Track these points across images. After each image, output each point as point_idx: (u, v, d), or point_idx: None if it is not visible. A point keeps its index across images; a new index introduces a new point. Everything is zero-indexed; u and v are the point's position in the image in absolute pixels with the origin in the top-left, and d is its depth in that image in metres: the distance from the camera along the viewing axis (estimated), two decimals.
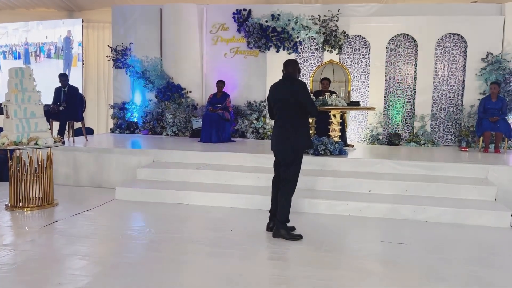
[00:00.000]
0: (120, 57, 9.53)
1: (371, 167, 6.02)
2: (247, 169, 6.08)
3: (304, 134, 4.13)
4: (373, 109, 7.05)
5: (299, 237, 4.11)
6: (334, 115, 6.75)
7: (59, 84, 7.59)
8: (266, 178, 5.65)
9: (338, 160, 6.14)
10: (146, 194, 5.56)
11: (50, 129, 5.54)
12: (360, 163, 6.10)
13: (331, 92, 7.38)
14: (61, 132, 7.29)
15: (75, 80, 7.53)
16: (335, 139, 6.69)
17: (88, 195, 5.95)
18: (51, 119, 7.39)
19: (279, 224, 4.12)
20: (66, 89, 7.52)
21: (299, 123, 4.10)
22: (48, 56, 10.65)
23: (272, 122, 8.76)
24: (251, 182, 5.79)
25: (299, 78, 4.28)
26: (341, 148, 6.39)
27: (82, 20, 10.08)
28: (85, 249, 3.81)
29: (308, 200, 5.13)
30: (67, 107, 7.43)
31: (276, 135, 4.21)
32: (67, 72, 10.30)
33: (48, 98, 8.37)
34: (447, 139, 8.48)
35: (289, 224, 4.20)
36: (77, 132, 8.53)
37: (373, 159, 6.32)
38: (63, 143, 7.12)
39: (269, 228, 4.31)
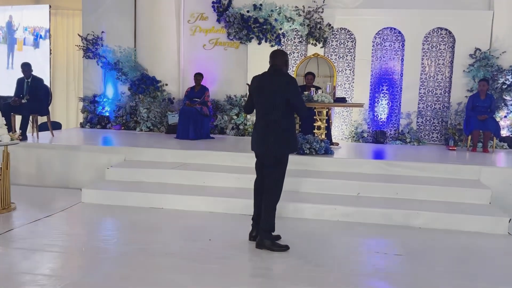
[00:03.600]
0: (91, 47, 8.91)
1: (359, 168, 5.66)
2: (227, 169, 5.64)
3: (291, 136, 3.71)
4: (361, 105, 6.71)
5: (285, 248, 3.71)
6: (320, 112, 6.37)
7: (20, 75, 6.96)
8: (247, 179, 5.22)
9: (324, 160, 5.76)
10: (116, 197, 5.05)
11: (6, 125, 4.96)
12: (347, 163, 5.74)
13: (316, 88, 7.00)
14: (23, 127, 6.66)
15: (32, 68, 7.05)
16: (321, 137, 6.32)
17: (52, 197, 5.41)
18: (12, 113, 6.77)
19: (263, 233, 3.71)
20: (29, 80, 6.89)
21: (285, 124, 3.67)
22: None
23: (252, 117, 8.43)
24: (231, 183, 5.36)
25: (287, 72, 3.85)
26: (327, 147, 6.02)
27: (50, 6, 9.37)
28: (41, 265, 3.31)
29: (293, 204, 4.73)
30: (31, 99, 6.82)
31: (259, 135, 3.78)
32: (11, 58, 9.63)
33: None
34: (433, 137, 8.23)
35: (274, 233, 3.80)
36: (43, 127, 7.95)
37: (361, 158, 6.00)
38: (24, 139, 6.52)
39: (251, 237, 3.90)
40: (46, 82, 9.01)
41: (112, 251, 3.63)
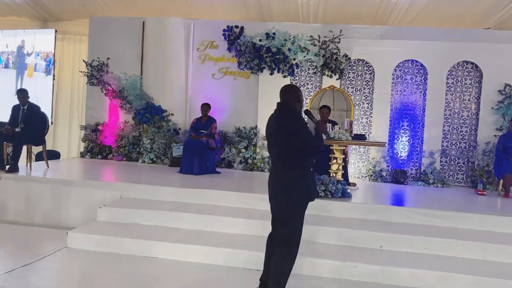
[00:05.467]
0: (96, 73, 8.52)
1: (381, 215, 5.03)
2: (232, 211, 5.05)
3: (304, 183, 3.10)
4: (383, 145, 6.11)
5: None
6: (336, 150, 5.79)
7: (17, 100, 6.53)
8: (254, 226, 4.67)
9: (341, 205, 5.14)
10: (105, 243, 4.46)
11: None
12: (367, 210, 5.10)
13: (333, 123, 6.44)
14: (15, 157, 6.17)
15: (34, 94, 6.56)
16: (337, 177, 5.72)
17: (36, 240, 4.84)
18: (5, 142, 6.32)
19: None
20: (25, 107, 6.46)
21: (297, 169, 3.09)
22: (6, 66, 9.57)
23: (262, 151, 7.90)
24: (236, 229, 4.75)
25: (296, 108, 3.25)
26: (344, 189, 5.41)
27: (56, 31, 9.08)
28: None
29: (308, 259, 4.08)
30: (25, 128, 6.36)
31: (269, 182, 3.23)
32: (19, 84, 9.26)
33: (2, 114, 7.26)
34: (458, 178, 7.57)
35: None
36: (40, 156, 7.49)
37: (382, 204, 5.38)
38: (16, 170, 6.04)
39: None
40: (48, 109, 8.66)
41: None
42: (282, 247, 3.12)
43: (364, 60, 7.77)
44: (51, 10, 9.32)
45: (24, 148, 6.51)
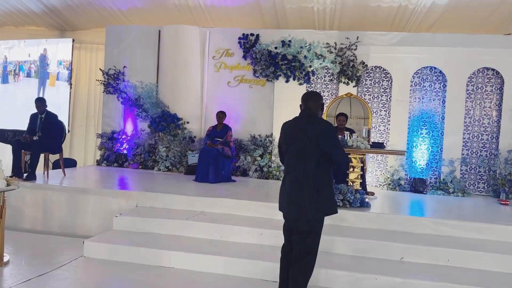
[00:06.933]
0: (112, 82, 8.59)
1: (401, 225, 4.91)
2: (248, 221, 4.99)
3: (328, 195, 3.05)
4: (403, 153, 5.98)
5: None
6: (354, 158, 5.69)
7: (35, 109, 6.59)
8: (271, 235, 4.61)
9: (360, 215, 5.04)
10: (121, 252, 4.44)
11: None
12: (387, 220, 4.99)
13: (351, 131, 6.35)
14: (32, 165, 6.23)
15: (56, 103, 6.60)
16: (355, 186, 5.62)
17: (53, 249, 4.83)
18: (23, 151, 6.37)
19: None
20: (43, 115, 6.52)
21: (321, 179, 3.03)
22: (28, 75, 9.71)
23: (278, 159, 7.82)
24: (253, 239, 4.69)
25: (322, 117, 3.24)
26: (362, 199, 5.30)
27: (73, 40, 9.19)
28: None
29: (325, 270, 3.99)
30: (43, 136, 6.40)
31: (287, 192, 3.14)
32: (41, 93, 9.35)
33: (22, 122, 7.31)
34: (479, 187, 7.38)
35: None
36: (57, 164, 7.55)
37: (402, 214, 5.25)
38: (33, 178, 6.09)
39: None
40: (65, 117, 8.75)
41: None
42: (302, 259, 3.05)
43: (381, 67, 7.66)
44: (68, 19, 9.46)
45: (42, 156, 6.56)
